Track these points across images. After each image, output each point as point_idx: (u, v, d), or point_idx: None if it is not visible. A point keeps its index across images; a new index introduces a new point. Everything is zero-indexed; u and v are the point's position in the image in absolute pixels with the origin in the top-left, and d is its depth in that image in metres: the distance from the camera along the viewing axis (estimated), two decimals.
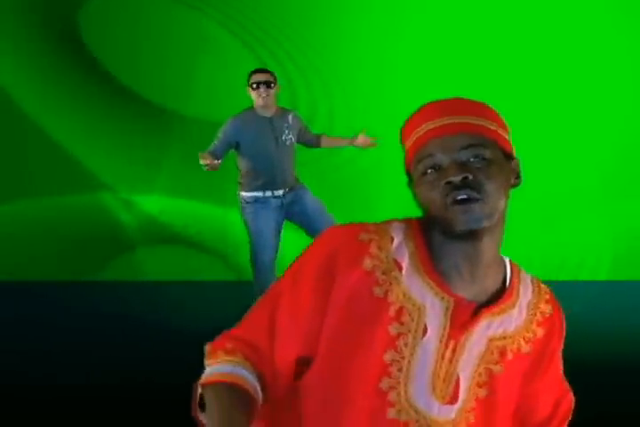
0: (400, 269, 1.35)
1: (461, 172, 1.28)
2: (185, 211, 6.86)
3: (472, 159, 1.30)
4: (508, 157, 1.37)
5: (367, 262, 1.34)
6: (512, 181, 1.36)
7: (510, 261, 1.45)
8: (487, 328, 1.36)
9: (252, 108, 5.23)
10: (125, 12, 6.84)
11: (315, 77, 6.91)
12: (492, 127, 1.36)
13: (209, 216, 6.87)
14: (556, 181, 6.87)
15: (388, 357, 1.32)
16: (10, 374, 4.39)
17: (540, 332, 1.41)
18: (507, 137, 1.39)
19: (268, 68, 5.50)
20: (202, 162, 4.86)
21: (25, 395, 4.13)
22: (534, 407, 1.47)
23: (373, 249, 1.35)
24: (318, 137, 5.61)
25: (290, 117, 5.26)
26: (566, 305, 1.50)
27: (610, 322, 5.76)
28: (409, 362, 1.33)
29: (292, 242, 5.54)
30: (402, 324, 1.33)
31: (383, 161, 6.22)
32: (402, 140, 1.41)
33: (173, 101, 6.79)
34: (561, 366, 1.50)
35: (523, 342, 1.39)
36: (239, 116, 5.21)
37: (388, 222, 1.41)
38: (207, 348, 1.40)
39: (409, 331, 1.33)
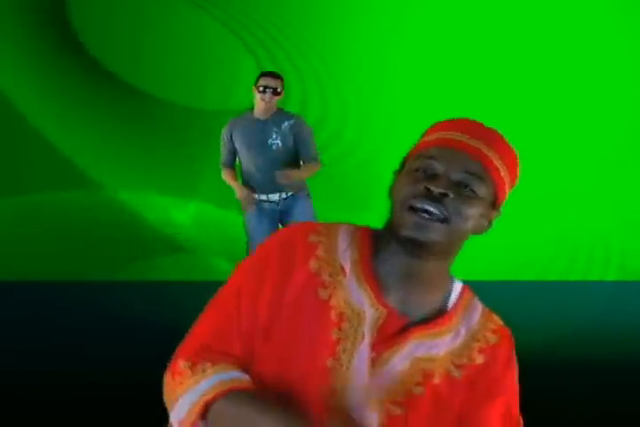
0: (344, 274, 1.34)
1: (447, 188, 1.28)
2: (191, 211, 6.88)
3: (465, 186, 1.30)
4: (495, 206, 1.36)
5: (313, 264, 1.34)
6: (480, 228, 1.35)
7: (466, 287, 1.43)
8: (416, 347, 1.33)
9: (252, 108, 5.20)
10: (124, 11, 6.84)
11: (326, 77, 6.91)
12: (504, 176, 1.35)
13: (215, 217, 6.88)
14: (564, 179, 6.88)
15: (329, 363, 1.31)
16: (10, 374, 4.40)
17: (480, 359, 1.37)
18: (508, 190, 1.38)
19: (278, 71, 5.40)
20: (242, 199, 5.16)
21: (26, 395, 4.14)
22: None
23: (320, 251, 1.35)
24: (304, 163, 5.23)
25: (285, 123, 5.12)
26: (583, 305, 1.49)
27: (622, 322, 5.76)
28: (347, 369, 1.31)
29: None
30: (340, 329, 1.32)
31: (393, 162, 6.25)
32: (422, 135, 1.41)
33: (181, 98, 6.79)
34: (514, 399, 1.42)
35: (452, 367, 1.36)
36: (235, 119, 5.23)
37: (338, 226, 1.40)
38: (181, 365, 1.33)
39: (347, 337, 1.32)
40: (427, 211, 1.26)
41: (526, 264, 6.92)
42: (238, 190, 5.19)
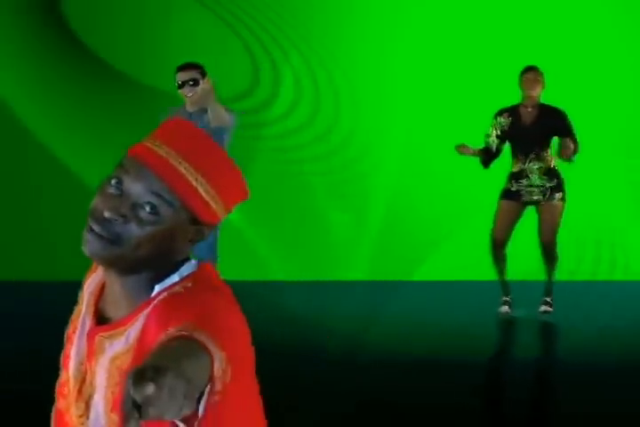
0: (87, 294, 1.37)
1: (119, 212, 1.20)
2: None
3: (147, 207, 1.20)
4: (199, 222, 1.25)
5: (85, 287, 1.40)
6: (181, 242, 1.25)
7: (187, 279, 1.29)
8: (110, 349, 1.29)
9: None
10: (123, 9, 6.84)
11: (321, 74, 6.92)
12: (201, 190, 1.23)
13: None
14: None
15: (62, 377, 1.40)
16: (11, 374, 4.39)
17: (151, 337, 1.25)
18: (217, 208, 1.26)
19: (195, 63, 5.14)
20: None
21: (28, 395, 4.13)
22: None
23: (88, 280, 1.40)
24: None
25: (206, 116, 4.99)
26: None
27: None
28: (68, 384, 1.37)
29: None
30: (70, 344, 1.38)
31: (388, 157, 6.24)
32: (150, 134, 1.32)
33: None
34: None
35: (140, 356, 1.25)
36: (173, 107, 5.17)
37: None
38: None
39: (69, 352, 1.37)
40: (93, 230, 1.22)
41: (534, 265, 6.93)
42: None
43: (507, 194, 5.76)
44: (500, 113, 5.74)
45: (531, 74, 5.69)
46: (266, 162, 6.88)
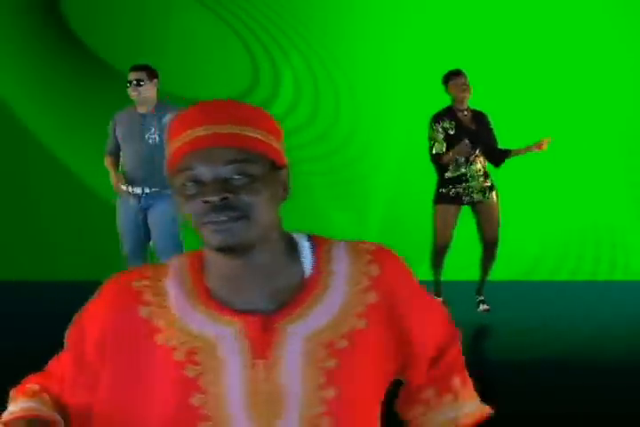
0: (178, 311, 1.30)
1: (220, 192, 1.22)
2: None
3: (235, 176, 1.23)
4: (278, 165, 1.29)
5: (143, 311, 1.30)
6: (279, 198, 1.30)
7: (316, 240, 1.37)
8: (298, 330, 1.28)
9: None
10: (123, 7, 6.84)
11: (321, 73, 6.93)
12: (260, 137, 1.27)
13: None
14: (570, 179, 6.90)
15: (196, 401, 1.27)
16: (11, 374, 4.39)
17: (373, 297, 1.31)
18: (278, 146, 1.30)
19: (142, 64, 5.35)
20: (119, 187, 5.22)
21: None
22: (411, 364, 1.38)
23: (147, 296, 1.31)
24: None
25: (167, 117, 5.09)
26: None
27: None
28: (220, 400, 1.27)
29: None
30: (197, 364, 1.27)
31: (388, 157, 6.24)
32: (167, 138, 1.33)
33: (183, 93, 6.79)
34: (433, 310, 1.41)
35: (354, 321, 1.30)
36: (120, 112, 5.33)
37: (169, 263, 1.36)
38: (11, 393, 1.42)
39: (208, 369, 1.27)
40: (223, 221, 1.23)
41: (533, 264, 6.94)
42: (111, 179, 5.30)
43: (444, 198, 5.72)
44: (441, 118, 5.72)
45: (461, 78, 5.68)
46: None
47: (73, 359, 1.37)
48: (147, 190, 5.23)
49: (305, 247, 1.35)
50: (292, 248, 1.34)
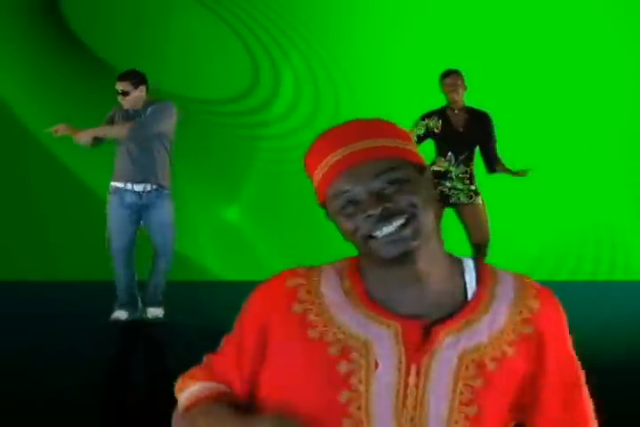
0: (334, 309, 1.34)
1: (379, 203, 1.26)
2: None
3: (387, 185, 1.28)
4: (421, 167, 1.34)
5: (297, 307, 1.35)
6: (434, 197, 1.34)
7: (480, 262, 1.40)
8: (455, 343, 1.30)
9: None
10: (122, 6, 6.83)
11: (321, 73, 6.93)
12: (396, 144, 1.32)
13: (212, 215, 6.86)
14: (570, 180, 6.89)
15: (343, 397, 1.30)
16: (11, 374, 4.40)
17: (528, 329, 1.34)
18: (413, 148, 1.35)
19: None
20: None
21: (28, 395, 4.14)
22: (537, 406, 1.40)
23: (302, 294, 1.36)
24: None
25: (148, 110, 5.31)
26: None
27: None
28: (367, 399, 1.30)
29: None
30: (350, 361, 1.30)
31: None
32: (308, 172, 1.41)
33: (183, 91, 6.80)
34: (572, 367, 1.44)
35: (506, 347, 1.32)
36: (116, 107, 5.42)
37: (321, 266, 1.41)
38: (178, 383, 1.46)
39: (360, 367, 1.30)
40: (391, 233, 1.26)
41: (533, 264, 6.94)
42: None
43: None
44: (429, 116, 5.74)
45: (453, 77, 5.69)
46: (266, 162, 6.89)
47: (236, 352, 1.41)
48: (148, 188, 5.29)
49: (469, 266, 1.38)
50: (455, 264, 1.37)
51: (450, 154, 5.70)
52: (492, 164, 5.81)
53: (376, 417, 1.29)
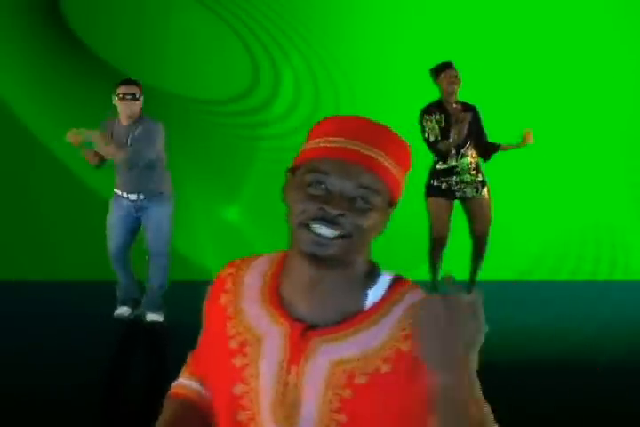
0: (246, 302, 1.37)
1: (342, 208, 1.26)
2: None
3: (360, 199, 1.27)
4: (393, 202, 1.34)
5: (223, 299, 1.39)
6: (380, 230, 1.33)
7: (399, 281, 1.38)
8: (330, 352, 1.31)
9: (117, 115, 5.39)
10: (123, 6, 6.83)
11: (321, 73, 6.93)
12: (396, 173, 1.33)
13: (212, 216, 6.85)
14: (569, 179, 6.90)
15: (237, 389, 1.33)
16: (11, 374, 4.39)
17: (406, 346, 1.30)
18: (403, 182, 1.35)
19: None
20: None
21: (28, 395, 4.14)
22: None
23: (228, 285, 1.40)
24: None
25: (139, 129, 5.33)
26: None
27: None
28: (257, 392, 1.32)
29: None
30: (245, 355, 1.34)
31: None
32: (311, 131, 1.40)
33: (182, 91, 6.79)
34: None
35: (380, 362, 1.30)
36: (106, 121, 5.44)
37: (261, 255, 1.43)
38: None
39: (252, 361, 1.33)
40: (324, 236, 1.26)
41: (533, 264, 6.94)
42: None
43: (436, 191, 5.76)
44: (431, 111, 5.73)
45: (453, 70, 5.69)
46: (266, 162, 6.89)
47: (199, 345, 1.51)
48: (141, 197, 5.39)
49: (382, 282, 1.37)
50: (369, 278, 1.36)
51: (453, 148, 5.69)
52: (489, 152, 5.80)
53: (262, 412, 1.33)
